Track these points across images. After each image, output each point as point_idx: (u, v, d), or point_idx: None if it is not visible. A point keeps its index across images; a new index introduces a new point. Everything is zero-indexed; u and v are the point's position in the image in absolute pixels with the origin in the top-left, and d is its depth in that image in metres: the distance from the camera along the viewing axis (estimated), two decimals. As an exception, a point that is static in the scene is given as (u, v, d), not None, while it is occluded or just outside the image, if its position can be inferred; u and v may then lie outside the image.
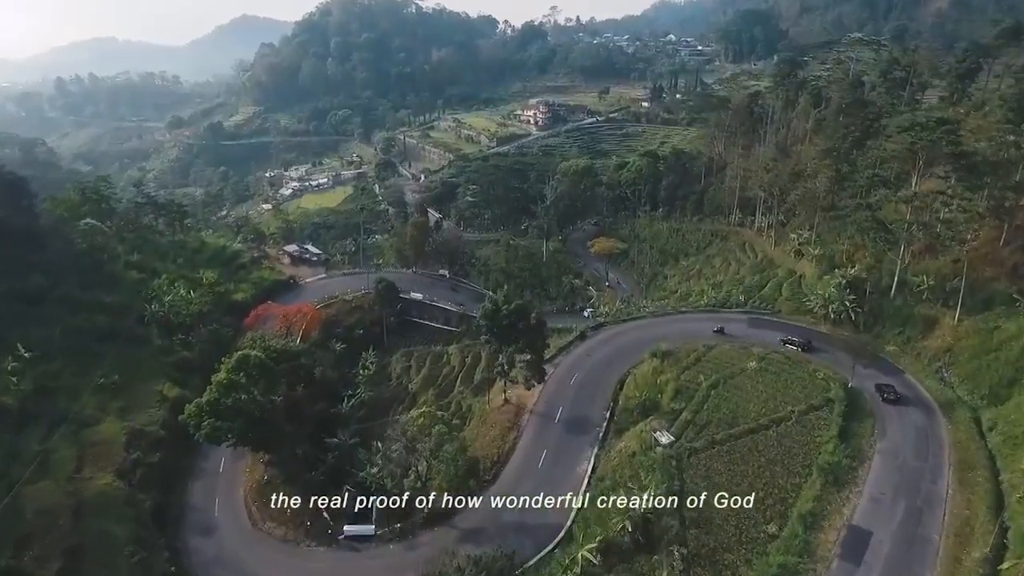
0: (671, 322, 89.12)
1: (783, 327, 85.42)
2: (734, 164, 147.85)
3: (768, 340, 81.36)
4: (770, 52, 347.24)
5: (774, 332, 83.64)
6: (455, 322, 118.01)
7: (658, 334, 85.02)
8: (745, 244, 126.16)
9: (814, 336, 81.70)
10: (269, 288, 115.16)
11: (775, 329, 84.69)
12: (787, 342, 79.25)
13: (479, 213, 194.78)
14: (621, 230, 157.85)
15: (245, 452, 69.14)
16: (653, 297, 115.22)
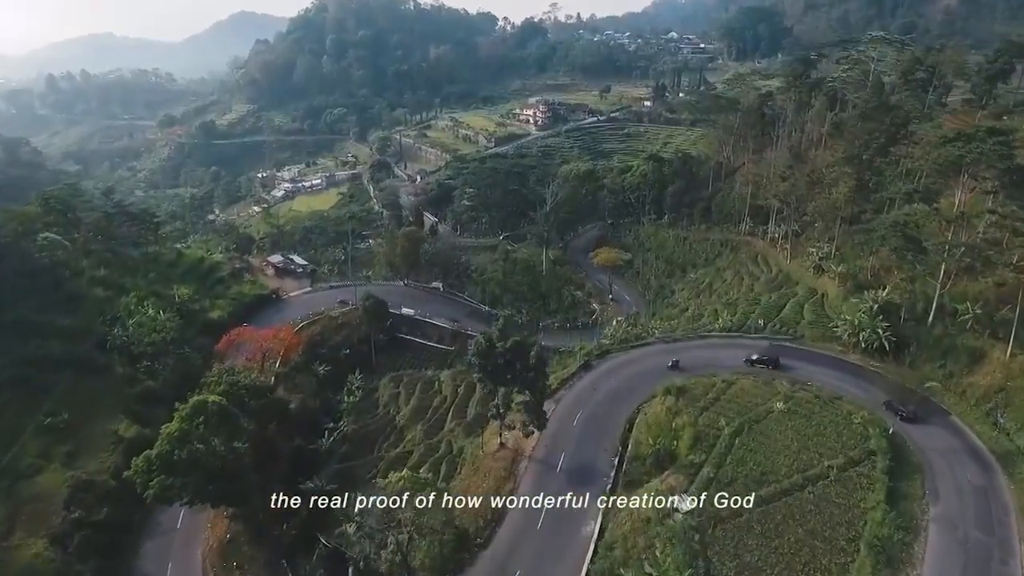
0: (684, 349, 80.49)
1: (808, 356, 76.86)
2: (744, 169, 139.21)
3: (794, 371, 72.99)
4: (774, 50, 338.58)
5: (800, 362, 75.10)
6: (448, 340, 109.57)
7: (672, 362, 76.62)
8: (758, 256, 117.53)
9: (845, 367, 73.35)
10: (250, 304, 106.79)
11: (799, 358, 76.11)
12: (757, 361, 74.35)
13: (476, 216, 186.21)
14: (624, 238, 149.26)
15: (207, 505, 60.79)
16: (661, 315, 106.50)
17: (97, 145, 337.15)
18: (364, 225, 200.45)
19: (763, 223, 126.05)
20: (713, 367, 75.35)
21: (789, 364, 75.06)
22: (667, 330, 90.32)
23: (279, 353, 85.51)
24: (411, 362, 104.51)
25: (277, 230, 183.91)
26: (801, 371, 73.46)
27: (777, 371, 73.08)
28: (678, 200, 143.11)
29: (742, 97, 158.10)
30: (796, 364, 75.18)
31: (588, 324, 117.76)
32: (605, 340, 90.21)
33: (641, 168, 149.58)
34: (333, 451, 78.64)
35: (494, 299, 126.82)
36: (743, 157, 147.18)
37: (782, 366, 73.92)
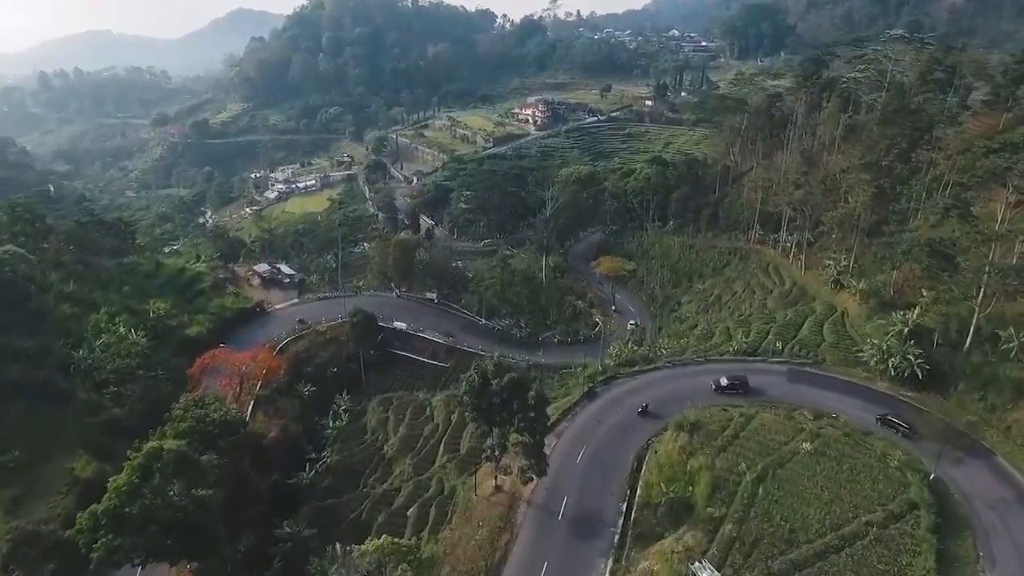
0: (695, 374, 73.80)
1: (831, 383, 70.17)
2: (753, 174, 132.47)
3: (817, 401, 66.31)
4: (777, 48, 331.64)
5: (823, 391, 68.44)
6: (443, 356, 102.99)
7: (681, 390, 69.96)
8: (769, 266, 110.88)
9: (873, 397, 66.69)
10: (232, 319, 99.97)
11: (821, 386, 69.41)
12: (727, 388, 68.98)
13: (474, 219, 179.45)
14: (627, 245, 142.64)
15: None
16: (668, 330, 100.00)
17: (90, 144, 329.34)
18: (358, 228, 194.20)
19: (774, 231, 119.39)
20: (728, 396, 68.86)
21: (811, 391, 68.52)
22: (676, 350, 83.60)
23: (258, 377, 78.61)
24: (403, 381, 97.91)
25: (268, 234, 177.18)
26: (825, 401, 66.80)
27: (748, 395, 67.89)
28: (683, 205, 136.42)
29: (750, 98, 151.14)
30: (818, 392, 68.49)
31: (590, 338, 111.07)
32: (609, 360, 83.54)
33: (644, 172, 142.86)
34: (316, 484, 72.10)
35: (491, 309, 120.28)
36: (751, 160, 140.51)
37: (753, 389, 68.99)
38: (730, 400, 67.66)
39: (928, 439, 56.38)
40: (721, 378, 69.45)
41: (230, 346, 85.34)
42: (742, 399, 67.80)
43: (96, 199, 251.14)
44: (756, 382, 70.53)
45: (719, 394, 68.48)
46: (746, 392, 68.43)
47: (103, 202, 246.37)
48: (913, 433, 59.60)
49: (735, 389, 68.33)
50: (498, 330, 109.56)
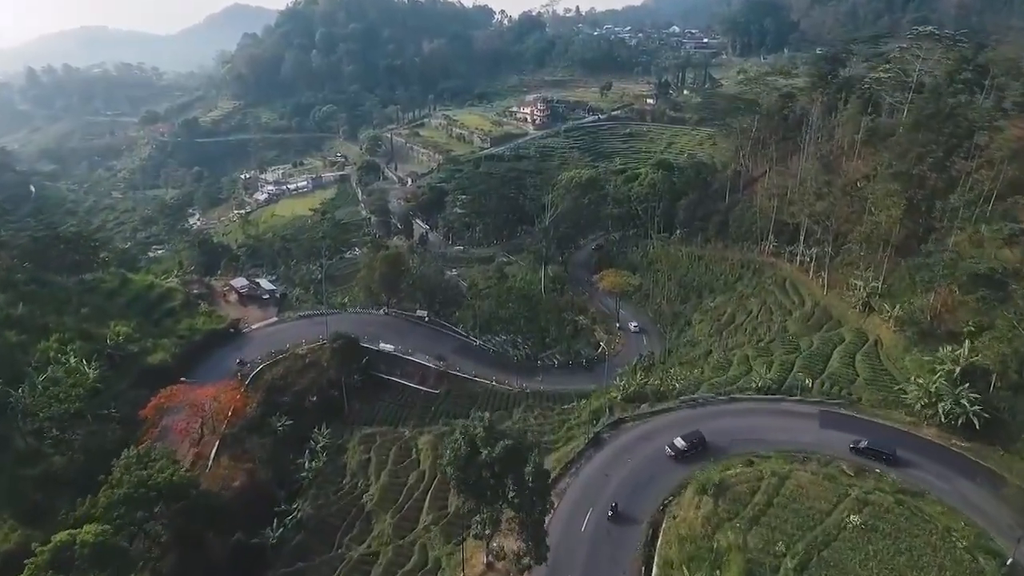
0: (714, 417, 64.75)
1: (870, 429, 61.15)
2: (766, 181, 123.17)
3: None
4: (780, 45, 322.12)
5: (861, 437, 59.34)
6: (433, 381, 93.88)
7: (699, 438, 60.92)
8: (786, 282, 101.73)
9: (921, 447, 57.73)
10: (202, 342, 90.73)
11: (860, 432, 60.31)
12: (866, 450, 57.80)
13: (470, 223, 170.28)
14: (631, 254, 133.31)
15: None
16: (679, 355, 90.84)
17: (77, 143, 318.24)
18: (350, 232, 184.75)
19: (789, 243, 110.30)
20: (754, 441, 59.91)
21: (849, 439, 59.41)
22: (690, 383, 74.40)
23: (223, 418, 69.34)
24: (389, 410, 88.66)
25: (254, 240, 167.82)
26: (865, 451, 57.81)
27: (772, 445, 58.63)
28: (691, 213, 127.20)
29: (761, 98, 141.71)
30: (857, 440, 59.38)
31: (593, 359, 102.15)
32: (616, 394, 74.53)
33: (649, 177, 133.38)
34: (285, 542, 63.10)
35: (487, 325, 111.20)
36: (763, 165, 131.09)
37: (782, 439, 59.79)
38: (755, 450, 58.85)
39: (1007, 508, 47.41)
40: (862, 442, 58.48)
41: (193, 380, 76.10)
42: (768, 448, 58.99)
43: (80, 200, 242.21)
44: (785, 427, 61.60)
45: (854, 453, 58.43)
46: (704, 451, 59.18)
47: (87, 204, 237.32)
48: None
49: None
50: (494, 352, 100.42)
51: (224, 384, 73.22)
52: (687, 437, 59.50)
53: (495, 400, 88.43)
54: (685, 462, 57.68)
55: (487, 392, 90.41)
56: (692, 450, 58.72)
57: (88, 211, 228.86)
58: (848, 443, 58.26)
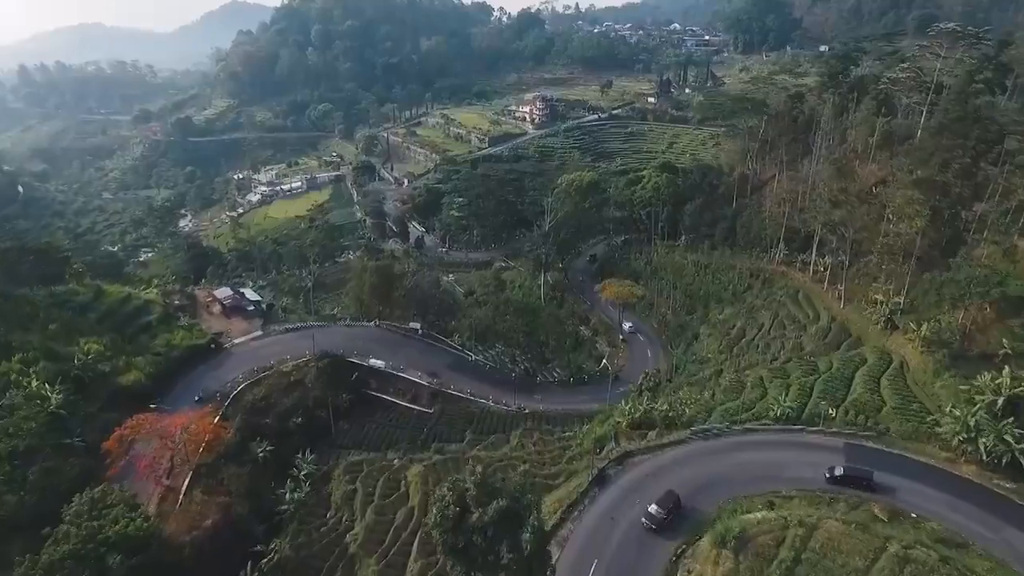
0: (730, 450, 58.96)
1: (902, 465, 55.43)
2: (776, 185, 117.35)
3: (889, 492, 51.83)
4: (783, 42, 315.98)
5: (894, 476, 53.73)
6: (426, 400, 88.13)
7: (717, 475, 55.24)
8: (799, 294, 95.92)
9: (959, 487, 52.02)
10: (180, 359, 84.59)
11: (891, 469, 54.62)
12: None
13: (468, 226, 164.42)
14: (634, 261, 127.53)
15: None
16: (687, 374, 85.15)
17: (70, 142, 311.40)
18: (344, 235, 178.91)
19: (801, 250, 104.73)
20: (775, 479, 54.24)
21: (879, 477, 53.73)
22: (701, 409, 68.62)
23: (196, 449, 63.42)
24: (379, 432, 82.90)
25: (244, 244, 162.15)
26: (900, 492, 52.14)
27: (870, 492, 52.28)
28: (697, 218, 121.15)
29: (770, 98, 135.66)
30: (888, 478, 53.74)
31: (595, 375, 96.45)
32: (621, 420, 68.78)
33: (653, 180, 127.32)
34: (263, 581, 57.44)
35: (483, 335, 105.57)
36: (772, 168, 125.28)
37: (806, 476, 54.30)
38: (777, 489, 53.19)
39: None
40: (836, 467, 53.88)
41: (166, 405, 70.45)
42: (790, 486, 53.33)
43: (69, 201, 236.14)
44: (808, 462, 55.82)
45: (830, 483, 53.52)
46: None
47: (75, 205, 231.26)
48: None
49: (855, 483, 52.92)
50: (490, 367, 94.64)
51: (198, 411, 67.20)
52: (662, 502, 51.60)
53: (491, 421, 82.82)
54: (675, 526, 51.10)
55: (483, 412, 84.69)
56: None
57: (77, 212, 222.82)
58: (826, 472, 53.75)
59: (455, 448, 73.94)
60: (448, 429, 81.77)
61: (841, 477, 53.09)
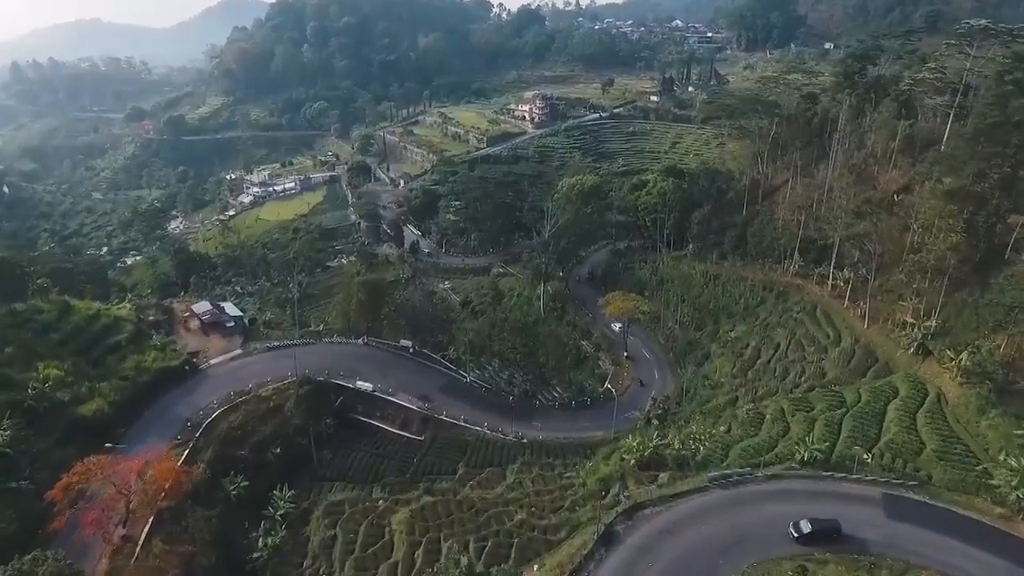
0: (753, 501, 52.00)
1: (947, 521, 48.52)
2: (790, 191, 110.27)
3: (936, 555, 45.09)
4: (787, 40, 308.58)
5: (940, 535, 46.98)
6: (416, 426, 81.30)
7: (739, 532, 48.41)
8: (816, 310, 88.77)
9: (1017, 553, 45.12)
10: (150, 383, 77.65)
11: (937, 527, 47.82)
12: None
13: (465, 230, 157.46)
14: (639, 270, 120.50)
15: None
16: (699, 402, 78.08)
17: (62, 140, 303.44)
18: (337, 239, 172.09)
19: (816, 262, 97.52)
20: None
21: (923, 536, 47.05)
22: (716, 447, 61.71)
23: (157, 495, 56.31)
24: (365, 461, 76.37)
25: (231, 249, 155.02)
26: (948, 556, 45.31)
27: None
28: (705, 226, 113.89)
29: (782, 99, 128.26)
30: (934, 538, 46.96)
31: (599, 397, 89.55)
32: (629, 457, 61.93)
33: (659, 185, 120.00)
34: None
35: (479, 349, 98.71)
36: (784, 173, 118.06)
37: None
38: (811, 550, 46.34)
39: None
40: (801, 522, 47.48)
41: (122, 444, 63.60)
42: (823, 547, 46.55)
43: (57, 202, 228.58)
44: (843, 516, 48.80)
45: (799, 543, 46.90)
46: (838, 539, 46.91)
47: (63, 206, 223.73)
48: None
49: (823, 537, 46.65)
50: (486, 389, 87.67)
51: (159, 449, 60.22)
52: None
53: (486, 451, 76.05)
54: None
55: (478, 441, 77.93)
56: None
57: (64, 214, 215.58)
58: (793, 529, 47.87)
59: (446, 486, 67.00)
60: (439, 460, 75.10)
61: (810, 535, 47.01)
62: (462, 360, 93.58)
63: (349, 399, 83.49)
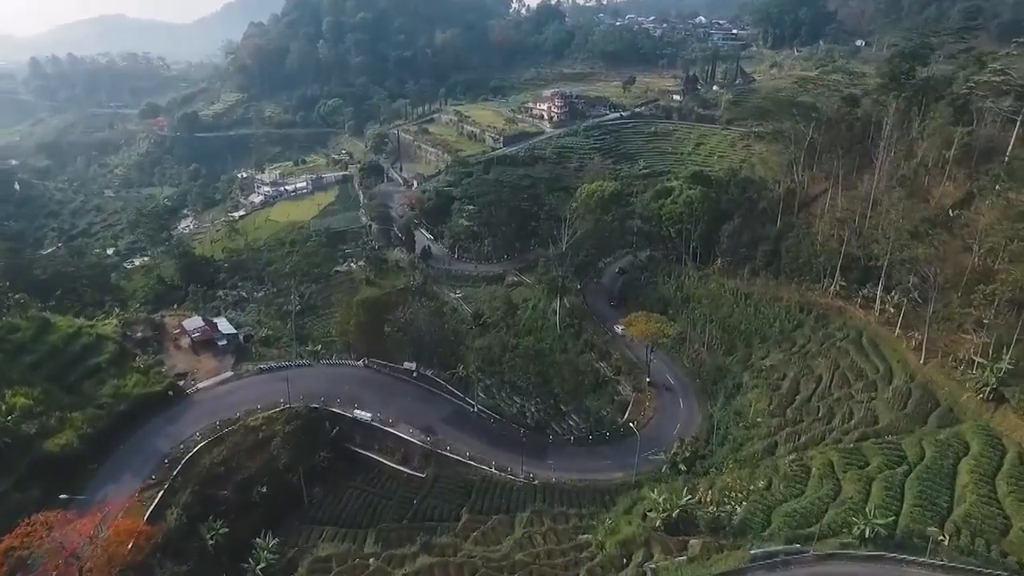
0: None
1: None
2: (827, 202, 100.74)
3: None
4: (815, 37, 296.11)
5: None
6: (417, 462, 73.78)
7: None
8: (863, 338, 79.53)
9: None
10: (127, 413, 70.54)
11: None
12: None
13: (478, 234, 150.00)
14: (662, 286, 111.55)
15: None
16: (732, 444, 69.43)
17: (78, 136, 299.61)
18: (346, 241, 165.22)
19: (860, 282, 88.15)
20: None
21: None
22: (755, 509, 53.15)
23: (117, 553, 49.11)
24: (361, 500, 69.22)
25: (236, 254, 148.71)
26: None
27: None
28: (736, 239, 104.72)
29: (820, 101, 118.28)
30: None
31: (619, 430, 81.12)
32: (654, 515, 53.69)
33: (685, 193, 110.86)
34: None
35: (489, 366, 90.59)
36: (821, 182, 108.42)
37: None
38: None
39: None
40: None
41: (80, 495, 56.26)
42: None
43: (67, 200, 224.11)
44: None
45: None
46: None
47: (74, 204, 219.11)
48: None
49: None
50: (495, 421, 79.70)
51: (122, 503, 53.09)
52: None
53: (494, 494, 68.27)
54: None
55: (484, 481, 70.06)
56: None
57: (74, 212, 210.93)
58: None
59: (445, 541, 59.24)
60: (441, 503, 67.52)
61: None
62: (471, 380, 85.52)
63: (346, 428, 76.34)
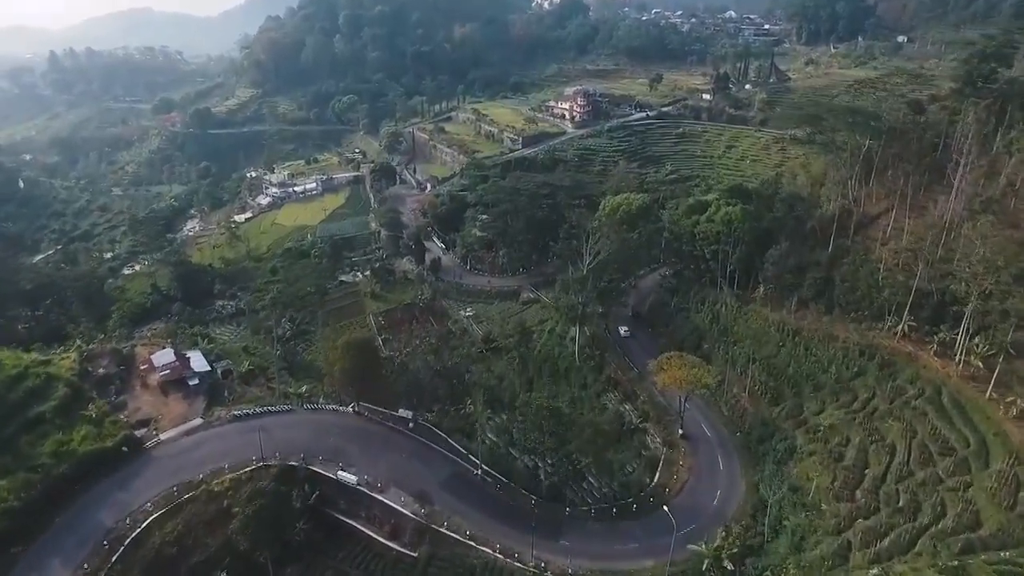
0: None
1: None
2: (889, 224, 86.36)
3: None
4: (853, 32, 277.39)
5: None
6: (409, 537, 61.59)
7: None
8: (943, 396, 65.69)
9: None
10: (72, 474, 59.54)
11: None
12: None
13: (493, 244, 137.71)
14: (695, 314, 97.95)
15: None
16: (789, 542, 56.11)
17: (92, 131, 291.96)
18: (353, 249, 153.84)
19: (933, 321, 74.08)
20: None
21: None
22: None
23: None
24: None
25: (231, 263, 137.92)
26: None
27: None
28: (781, 265, 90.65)
29: (883, 108, 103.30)
30: None
31: (648, 498, 68.12)
32: None
33: (723, 211, 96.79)
34: None
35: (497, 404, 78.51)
36: (882, 200, 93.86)
37: None
38: None
39: None
40: None
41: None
42: None
43: (73, 199, 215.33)
44: None
45: None
46: None
47: (79, 203, 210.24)
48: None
49: None
50: (501, 488, 67.16)
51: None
52: None
53: (497, 587, 55.99)
54: None
55: (485, 568, 57.80)
56: None
57: (77, 213, 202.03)
58: None
59: None
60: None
61: None
62: (475, 427, 73.20)
63: (329, 491, 64.69)
